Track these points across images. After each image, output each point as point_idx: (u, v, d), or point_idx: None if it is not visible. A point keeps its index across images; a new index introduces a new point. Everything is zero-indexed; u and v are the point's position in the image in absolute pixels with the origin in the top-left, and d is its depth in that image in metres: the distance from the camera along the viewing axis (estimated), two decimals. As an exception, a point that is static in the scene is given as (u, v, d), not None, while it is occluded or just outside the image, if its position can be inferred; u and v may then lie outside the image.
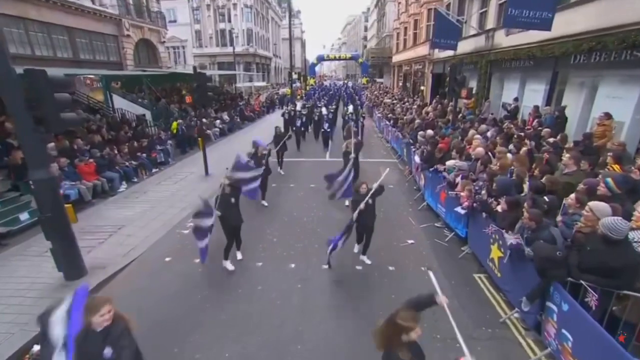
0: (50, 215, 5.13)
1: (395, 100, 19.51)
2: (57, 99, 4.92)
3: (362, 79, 44.11)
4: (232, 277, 5.67)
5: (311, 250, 6.41)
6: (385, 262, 5.91)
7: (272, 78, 55.47)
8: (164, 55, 24.41)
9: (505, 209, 4.69)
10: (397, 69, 34.10)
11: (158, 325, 4.56)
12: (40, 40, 14.94)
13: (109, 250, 6.55)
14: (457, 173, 6.43)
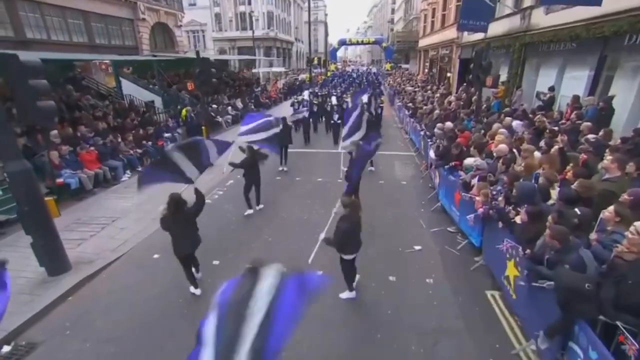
0: (28, 209, 4.94)
1: (417, 88, 18.43)
2: (32, 86, 4.66)
3: (386, 65, 42.44)
4: (216, 281, 5.33)
5: (306, 254, 5.95)
6: (385, 271, 5.38)
7: (294, 63, 54.68)
8: (181, 40, 24.31)
9: (525, 220, 4.02)
10: (423, 54, 32.44)
11: (136, 326, 4.39)
12: (56, 25, 15.07)
13: (99, 243, 6.39)
14: (475, 173, 5.72)
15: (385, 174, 9.81)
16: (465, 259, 5.59)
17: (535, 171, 5.24)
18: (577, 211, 3.69)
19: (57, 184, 8.15)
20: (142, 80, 16.03)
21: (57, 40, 14.86)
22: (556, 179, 4.76)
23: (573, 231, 3.55)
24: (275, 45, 45.59)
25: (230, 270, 5.57)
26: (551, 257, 3.38)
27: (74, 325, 4.51)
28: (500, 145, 6.04)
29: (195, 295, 4.97)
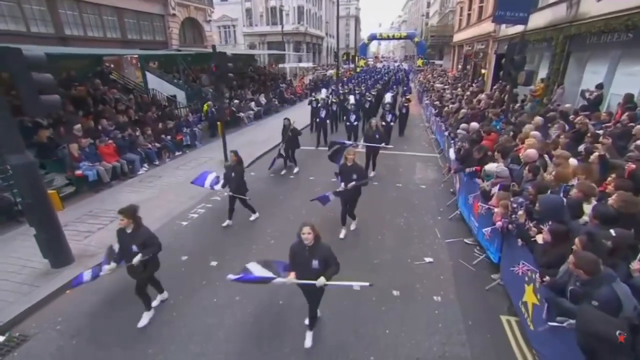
0: (31, 201, 5.00)
1: (448, 85, 17.46)
2: (36, 80, 4.67)
3: (417, 61, 40.92)
4: (209, 284, 5.16)
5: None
6: (389, 284, 4.95)
7: (324, 59, 54.28)
8: (210, 34, 24.67)
9: (547, 240, 3.46)
10: (458, 49, 30.93)
11: (122, 327, 4.31)
12: (92, 22, 15.70)
13: (104, 237, 6.43)
14: (495, 181, 5.13)
15: (404, 177, 9.28)
16: (480, 276, 5.04)
17: (568, 182, 4.61)
18: (613, 233, 3.10)
19: (76, 175, 8.40)
20: (167, 74, 16.33)
21: (92, 36, 15.47)
22: (594, 191, 4.10)
23: (607, 258, 2.99)
24: (305, 40, 45.41)
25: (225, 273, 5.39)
26: (575, 290, 2.84)
27: (66, 320, 4.50)
28: (529, 150, 5.39)
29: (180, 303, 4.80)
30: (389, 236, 6.29)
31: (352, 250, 5.84)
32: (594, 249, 2.98)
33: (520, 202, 4.03)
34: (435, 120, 12.21)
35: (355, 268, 5.35)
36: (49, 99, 4.87)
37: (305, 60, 43.91)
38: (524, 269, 3.58)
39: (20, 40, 11.63)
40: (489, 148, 6.65)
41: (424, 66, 34.68)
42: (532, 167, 4.98)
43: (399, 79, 25.21)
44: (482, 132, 7.23)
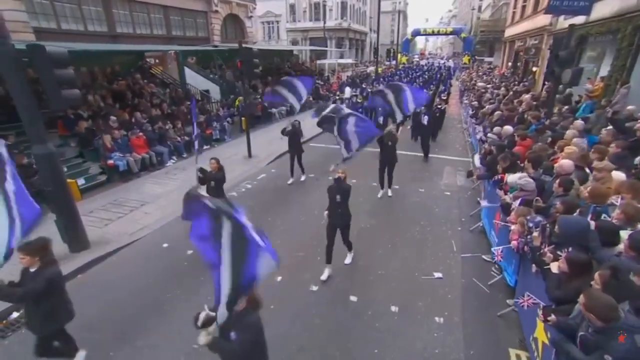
0: (51, 189, 5.30)
1: (492, 84, 16.19)
2: (58, 75, 4.91)
3: (463, 58, 38.59)
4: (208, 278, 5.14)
5: (310, 264, 5.46)
6: (389, 298, 4.61)
7: (367, 55, 53.30)
8: (251, 30, 25.13)
9: (564, 270, 2.95)
10: (509, 45, 28.68)
11: (117, 317, 4.43)
12: (141, 20, 16.64)
13: (122, 226, 6.74)
14: (517, 194, 4.55)
15: (428, 181, 8.71)
16: (494, 300, 4.52)
17: (606, 200, 3.95)
18: (646, 270, 2.55)
19: (108, 165, 8.90)
20: (204, 70, 16.86)
21: (140, 33, 16.40)
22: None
23: (637, 300, 2.46)
24: (348, 36, 44.82)
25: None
26: (586, 337, 2.35)
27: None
28: (563, 161, 4.71)
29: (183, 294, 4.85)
30: (400, 245, 5.89)
31: (357, 257, 5.55)
32: (618, 288, 2.47)
33: (537, 221, 3.49)
34: (470, 122, 11.35)
35: (356, 277, 5.10)
36: (69, 93, 5.11)
37: (347, 57, 43.41)
38: (529, 301, 3.09)
39: (79, 39, 12.65)
40: (522, 155, 5.97)
41: (470, 63, 32.58)
42: (563, 180, 4.33)
43: (439, 77, 23.83)
44: (516, 137, 6.51)
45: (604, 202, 3.96)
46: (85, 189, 8.36)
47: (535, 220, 3.50)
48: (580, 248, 3.08)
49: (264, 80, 19.16)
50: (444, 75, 24.31)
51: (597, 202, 3.97)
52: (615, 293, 2.41)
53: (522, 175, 4.71)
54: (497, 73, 23.01)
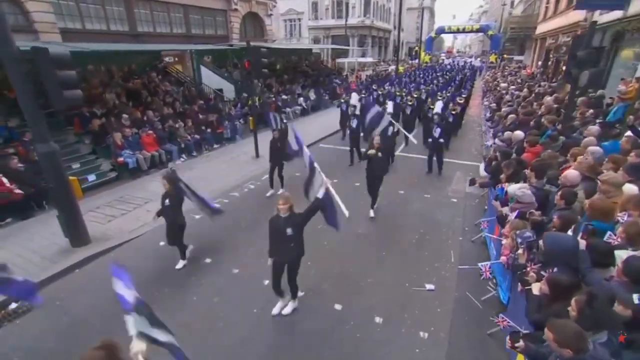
0: (53, 186, 5.56)
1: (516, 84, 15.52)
2: (60, 76, 5.13)
3: (490, 56, 37.15)
4: (202, 279, 5.24)
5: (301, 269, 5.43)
6: (374, 309, 4.52)
7: (390, 53, 52.56)
8: (270, 28, 25.34)
9: (544, 292, 2.77)
10: (540, 42, 27.43)
11: (105, 313, 4.52)
12: (161, 19, 17.19)
13: (123, 222, 6.97)
14: (515, 206, 4.32)
15: (435, 186, 8.47)
16: (486, 316, 4.31)
17: (610, 218, 3.67)
18: (636, 299, 2.35)
19: (118, 162, 9.25)
20: (220, 69, 17.16)
21: (160, 32, 16.93)
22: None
23: (621, 329, 2.27)
24: (371, 34, 44.35)
25: (217, 272, 5.45)
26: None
27: (66, 298, 4.94)
28: (569, 171, 4.44)
29: (169, 293, 4.96)
30: (395, 253, 5.77)
31: (347, 263, 5.48)
32: (594, 317, 2.29)
33: (526, 236, 3.30)
34: (486, 125, 10.93)
35: (344, 285, 5.03)
36: (71, 93, 5.32)
37: (369, 55, 42.99)
38: (504, 323, 2.92)
39: (102, 38, 13.24)
40: (529, 163, 5.67)
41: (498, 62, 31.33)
42: (565, 192, 4.08)
43: (459, 79, 22.89)
44: (525, 143, 6.20)
45: (608, 218, 3.69)
46: (95, 185, 8.76)
47: (523, 235, 3.31)
48: (568, 269, 2.89)
49: (279, 79, 19.31)
50: (466, 76, 23.50)
51: (600, 218, 3.71)
52: (590, 321, 2.24)
53: (522, 185, 4.47)
54: (523, 73, 21.97)
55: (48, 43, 10.33)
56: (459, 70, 26.73)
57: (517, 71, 25.01)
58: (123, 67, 13.38)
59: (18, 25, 10.90)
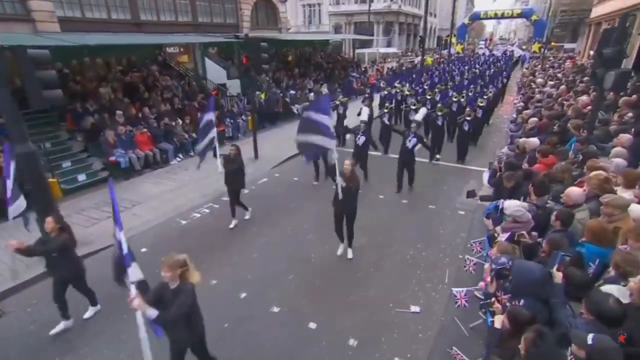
0: (32, 188, 6.00)
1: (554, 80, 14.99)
2: (39, 76, 5.55)
3: (533, 45, 35.79)
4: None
5: (279, 282, 5.63)
6: (350, 329, 4.64)
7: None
8: (284, 16, 25.63)
9: (505, 326, 2.80)
10: (594, 28, 26.36)
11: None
12: (165, 7, 17.81)
13: (107, 226, 7.26)
14: (507, 225, 4.30)
15: (443, 196, 8.41)
16: (471, 345, 4.30)
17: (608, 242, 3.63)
18: (590, 339, 2.36)
19: (110, 161, 9.76)
20: (227, 61, 17.59)
21: (164, 20, 17.54)
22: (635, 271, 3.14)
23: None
24: (398, 20, 44.02)
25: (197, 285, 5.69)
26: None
27: (37, 305, 5.35)
28: (570, 189, 4.37)
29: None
30: (385, 270, 5.85)
31: (332, 279, 5.62)
32: (541, 356, 2.33)
33: (500, 262, 3.30)
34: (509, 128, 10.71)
35: (322, 302, 5.18)
36: (51, 93, 5.74)
37: (395, 44, 42.66)
38: (458, 356, 2.96)
39: (102, 27, 13.80)
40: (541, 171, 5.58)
41: (542, 52, 30.19)
42: (561, 213, 4.04)
43: (494, 72, 21.92)
44: (537, 153, 6.09)
45: (602, 243, 3.65)
46: (85, 185, 9.29)
47: (498, 261, 3.32)
48: (536, 302, 2.91)
49: (290, 72, 19.56)
50: (500, 68, 22.71)
51: (594, 241, 3.69)
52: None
53: (520, 203, 4.44)
54: (568, 65, 21.08)
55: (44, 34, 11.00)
56: (491, 64, 25.66)
57: (562, 63, 24.07)
58: (122, 60, 13.98)
59: (16, 14, 11.62)
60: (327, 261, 6.13)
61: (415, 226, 7.18)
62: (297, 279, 5.68)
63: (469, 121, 9.95)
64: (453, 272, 5.72)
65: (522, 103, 11.68)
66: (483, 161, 10.55)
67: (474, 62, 28.19)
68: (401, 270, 5.84)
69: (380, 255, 6.24)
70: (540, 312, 2.86)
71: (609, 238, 3.68)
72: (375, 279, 5.63)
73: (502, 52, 39.02)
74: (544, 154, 6.01)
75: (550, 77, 16.82)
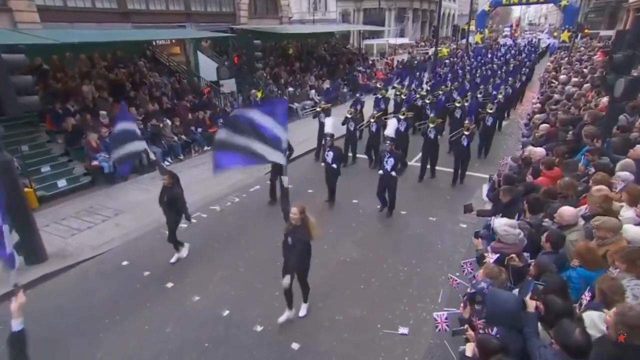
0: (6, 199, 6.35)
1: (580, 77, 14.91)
2: (15, 82, 5.91)
3: (562, 34, 35.44)
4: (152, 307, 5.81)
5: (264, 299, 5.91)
6: (333, 351, 4.91)
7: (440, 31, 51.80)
8: (285, 4, 25.88)
9: (476, 355, 3.03)
10: (632, 12, 26.22)
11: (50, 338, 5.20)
12: (155, -7, 18.15)
13: (88, 237, 7.74)
14: (496, 246, 4.50)
15: (446, 207, 8.59)
16: (459, 371, 4.56)
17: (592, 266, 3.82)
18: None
19: (93, 166, 10.14)
20: (221, 56, 17.91)
21: (154, 9, 17.84)
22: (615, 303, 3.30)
23: None
24: (412, 7, 44.15)
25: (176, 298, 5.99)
26: None
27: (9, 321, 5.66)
28: (564, 208, 4.54)
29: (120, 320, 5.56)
30: (375, 287, 6.10)
31: (319, 296, 5.85)
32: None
33: (479, 287, 3.52)
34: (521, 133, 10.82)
35: (308, 321, 5.45)
36: (26, 100, 6.14)
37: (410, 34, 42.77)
38: None
39: (86, 17, 13.96)
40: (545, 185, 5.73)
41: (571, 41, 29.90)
42: (551, 234, 4.25)
43: (514, 66, 21.47)
44: (541, 165, 6.26)
45: (590, 266, 3.85)
46: (66, 191, 9.66)
47: (478, 286, 3.54)
48: (511, 331, 3.13)
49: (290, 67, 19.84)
50: (522, 62, 22.56)
51: (583, 265, 3.89)
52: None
53: (509, 221, 4.63)
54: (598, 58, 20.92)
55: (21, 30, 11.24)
56: (510, 58, 25.04)
57: (592, 55, 23.90)
58: (106, 55, 14.32)
59: (-7, 4, 11.91)
60: (315, 276, 6.36)
61: (412, 240, 7.41)
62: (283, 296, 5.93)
63: (468, 136, 9.26)
64: (447, 291, 5.92)
65: (539, 104, 11.78)
66: (493, 169, 10.70)
67: (492, 55, 27.71)
68: (392, 287, 6.08)
69: (372, 271, 6.49)
70: (514, 341, 3.09)
71: (598, 262, 3.87)
72: (364, 297, 5.87)
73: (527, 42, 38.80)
74: (548, 166, 6.17)
75: (575, 73, 16.65)
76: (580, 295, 3.67)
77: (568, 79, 15.09)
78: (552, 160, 6.25)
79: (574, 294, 3.73)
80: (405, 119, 11.04)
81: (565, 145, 7.10)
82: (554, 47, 36.02)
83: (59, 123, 10.76)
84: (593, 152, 6.48)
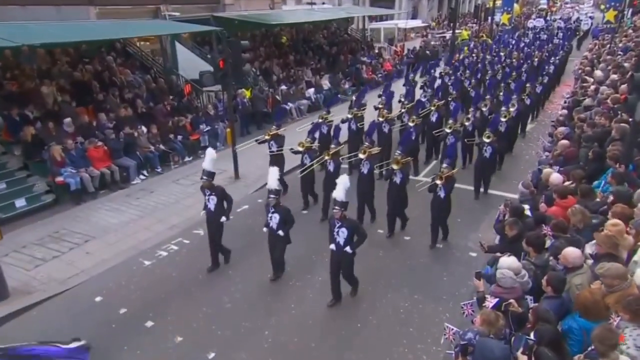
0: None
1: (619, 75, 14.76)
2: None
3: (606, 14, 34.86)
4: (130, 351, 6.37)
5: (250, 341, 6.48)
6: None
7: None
8: (275, -11, 26.37)
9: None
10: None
11: None
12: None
13: (55, 269, 8.26)
14: (495, 290, 5.09)
15: (452, 232, 9.07)
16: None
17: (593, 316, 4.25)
18: None
19: (57, 182, 10.67)
20: (203, 47, 18.41)
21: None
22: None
23: None
24: (427, -19, 44.61)
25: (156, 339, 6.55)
26: None
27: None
28: (568, 250, 5.07)
29: None
30: (372, 327, 6.68)
31: (311, 338, 6.45)
32: None
33: (467, 337, 4.13)
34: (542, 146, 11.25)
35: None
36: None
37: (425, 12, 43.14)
38: None
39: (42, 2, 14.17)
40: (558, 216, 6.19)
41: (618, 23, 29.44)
42: (551, 277, 4.83)
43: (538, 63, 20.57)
44: (554, 193, 6.82)
45: (590, 316, 4.31)
46: (26, 212, 10.15)
47: (465, 337, 4.15)
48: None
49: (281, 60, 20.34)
50: (551, 51, 22.51)
51: (583, 315, 4.42)
52: None
53: (512, 263, 5.18)
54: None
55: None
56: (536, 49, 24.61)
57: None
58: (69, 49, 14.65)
59: None
60: (308, 313, 6.97)
61: (415, 270, 8.02)
62: (272, 337, 6.53)
63: (490, 144, 9.90)
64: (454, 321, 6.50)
65: (566, 110, 12.13)
66: (508, 184, 11.11)
67: (514, 45, 26.70)
68: (391, 326, 6.67)
69: (370, 307, 7.09)
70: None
71: (601, 314, 4.27)
72: (359, 338, 6.46)
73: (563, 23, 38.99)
74: (561, 195, 6.68)
75: (615, 68, 15.35)
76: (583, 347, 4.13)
77: (606, 77, 14.57)
78: (565, 188, 6.79)
79: (576, 345, 4.20)
80: (415, 125, 11.69)
81: (585, 167, 7.58)
82: (597, 31, 35.53)
83: (16, 132, 11.17)
84: (615, 176, 6.84)
